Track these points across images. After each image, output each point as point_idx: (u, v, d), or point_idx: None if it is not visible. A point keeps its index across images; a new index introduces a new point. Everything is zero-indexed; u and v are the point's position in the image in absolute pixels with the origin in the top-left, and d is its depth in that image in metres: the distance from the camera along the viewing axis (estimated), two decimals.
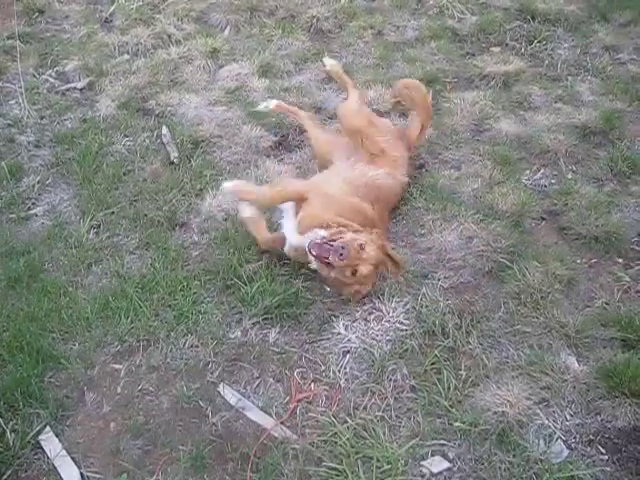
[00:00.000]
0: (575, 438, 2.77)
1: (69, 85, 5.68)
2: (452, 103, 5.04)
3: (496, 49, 5.85)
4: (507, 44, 5.91)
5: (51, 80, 5.73)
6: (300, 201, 3.54)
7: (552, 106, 4.98)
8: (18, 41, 6.08)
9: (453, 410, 2.86)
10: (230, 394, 3.03)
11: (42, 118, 5.24)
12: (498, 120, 4.81)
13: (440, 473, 2.67)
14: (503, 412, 2.81)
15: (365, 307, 3.37)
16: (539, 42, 5.81)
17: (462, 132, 4.71)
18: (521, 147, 4.54)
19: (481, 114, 4.87)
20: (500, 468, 2.64)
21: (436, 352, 3.09)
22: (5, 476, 2.78)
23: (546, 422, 2.80)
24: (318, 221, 3.37)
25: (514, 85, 5.27)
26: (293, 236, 3.49)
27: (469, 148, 4.51)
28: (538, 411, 2.83)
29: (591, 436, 2.77)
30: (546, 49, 5.75)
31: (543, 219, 3.93)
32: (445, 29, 6.13)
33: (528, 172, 4.30)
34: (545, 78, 5.37)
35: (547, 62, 5.56)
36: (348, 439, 2.75)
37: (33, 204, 4.37)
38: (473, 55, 5.78)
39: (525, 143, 4.57)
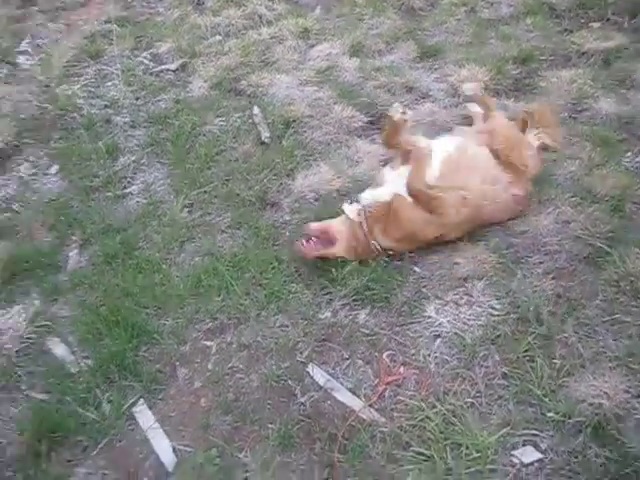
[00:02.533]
0: None
1: (163, 67, 5.81)
2: (548, 82, 4.87)
3: (596, 24, 5.60)
4: (608, 19, 5.64)
5: (146, 62, 5.89)
6: None
7: None
8: (114, 24, 6.25)
9: (546, 400, 2.76)
10: (319, 374, 3.03)
11: (137, 99, 5.39)
12: (597, 99, 4.60)
13: (531, 464, 2.59)
14: (599, 404, 2.69)
15: (456, 291, 3.31)
16: None
17: (559, 112, 4.53)
18: (622, 128, 4.32)
19: (579, 93, 4.68)
20: (595, 463, 2.54)
21: (529, 339, 3.00)
22: (101, 444, 2.88)
23: None
24: None
25: (615, 62, 5.03)
26: None
27: (567, 129, 4.34)
28: (637, 405, 2.70)
29: None
30: None
31: None
32: (541, 4, 5.92)
33: (630, 154, 4.09)
34: None
35: None
36: (437, 424, 2.71)
37: (129, 183, 4.51)
38: (571, 31, 5.55)
39: (627, 123, 4.36)
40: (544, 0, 5.97)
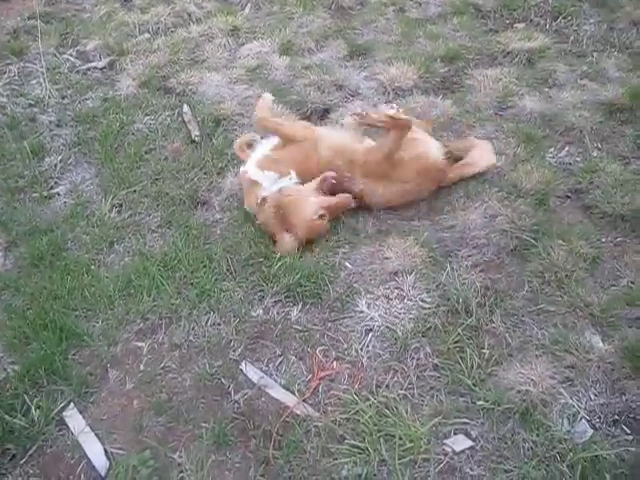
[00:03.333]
0: (599, 418, 2.72)
1: (90, 64, 5.71)
2: (475, 80, 4.97)
3: (520, 25, 5.76)
4: (531, 20, 5.80)
5: (72, 59, 5.76)
6: None
7: (577, 83, 4.87)
8: (39, 21, 6.09)
9: (476, 389, 2.83)
10: (252, 372, 3.02)
11: (63, 97, 5.27)
12: (522, 97, 4.73)
13: (463, 451, 2.64)
14: (527, 391, 2.77)
15: (387, 285, 3.35)
16: (564, 18, 5.69)
17: (485, 109, 4.64)
18: (546, 124, 4.45)
19: (505, 91, 4.79)
20: (523, 447, 2.62)
21: (459, 330, 3.06)
22: (31, 451, 2.81)
23: (570, 401, 2.75)
24: None
25: (538, 62, 5.18)
26: None
27: (493, 125, 4.45)
28: (562, 390, 2.79)
29: (616, 416, 2.72)
30: (571, 25, 5.63)
31: (568, 197, 3.86)
32: (468, 5, 6.05)
33: (553, 150, 4.22)
34: (570, 54, 5.26)
35: (572, 38, 5.43)
36: (370, 417, 2.73)
37: (55, 183, 4.40)
38: (496, 32, 5.69)
39: (550, 120, 4.49)
40: (470, 1, 6.10)
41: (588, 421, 2.70)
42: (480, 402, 2.78)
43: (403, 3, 6.11)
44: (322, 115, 4.72)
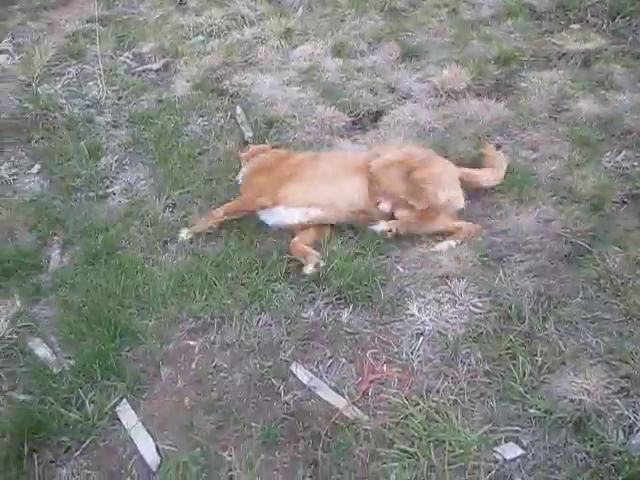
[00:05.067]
0: None
1: (145, 66, 5.81)
2: (529, 82, 4.92)
3: (576, 26, 5.68)
4: (587, 21, 5.73)
5: (128, 62, 5.88)
6: None
7: (635, 85, 4.79)
8: (97, 24, 6.22)
9: (528, 396, 2.78)
10: (302, 373, 3.03)
11: (119, 99, 5.38)
12: (577, 100, 4.66)
13: (513, 460, 2.60)
14: (580, 400, 2.72)
15: (439, 289, 3.33)
16: (622, 18, 5.60)
17: (539, 112, 4.59)
18: (602, 128, 4.38)
19: (559, 94, 4.74)
20: (576, 458, 2.56)
21: (511, 337, 3.02)
22: (85, 444, 2.85)
23: (626, 413, 2.68)
24: None
25: (594, 64, 5.11)
26: None
27: (547, 129, 4.40)
28: (617, 401, 2.72)
29: None
30: (630, 25, 5.53)
31: (624, 203, 3.78)
32: (522, 6, 6.01)
33: (609, 154, 4.14)
34: (628, 56, 5.17)
35: (631, 39, 5.34)
36: (420, 422, 2.72)
37: (111, 183, 4.49)
38: (551, 33, 5.64)
39: (606, 124, 4.41)
40: (525, 2, 6.05)
41: None
42: (532, 410, 2.74)
43: (456, 5, 6.08)
44: (374, 118, 4.72)
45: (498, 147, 4.26)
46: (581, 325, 3.08)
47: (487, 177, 3.90)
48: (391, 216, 3.68)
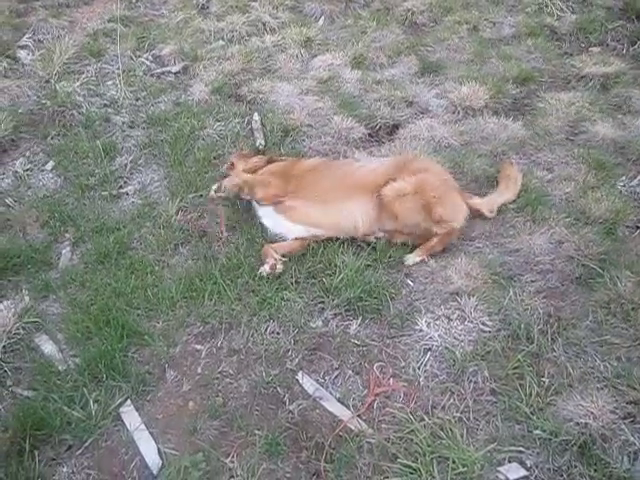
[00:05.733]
0: None
1: (164, 69, 5.83)
2: (547, 103, 4.92)
3: (596, 49, 5.68)
4: (608, 44, 5.74)
5: (147, 63, 5.90)
6: None
7: None
8: (119, 24, 6.25)
9: (534, 417, 2.77)
10: (308, 383, 3.03)
11: (137, 100, 5.40)
12: (595, 123, 4.66)
13: None
14: (586, 424, 2.70)
15: (448, 305, 3.32)
16: None
17: (556, 134, 4.59)
18: (618, 152, 4.38)
19: (577, 116, 4.73)
20: None
21: (519, 356, 3.01)
22: (86, 444, 2.86)
23: (631, 439, 2.67)
24: None
25: (613, 87, 5.10)
26: None
27: (563, 150, 4.39)
28: (623, 426, 2.71)
29: None
30: None
31: (637, 227, 3.77)
32: (543, 27, 6.02)
33: (624, 178, 4.14)
34: None
35: None
36: (424, 438, 2.71)
37: (125, 183, 4.50)
38: (571, 55, 5.65)
39: (622, 148, 4.41)
40: (545, 23, 6.05)
41: None
42: (537, 431, 2.72)
43: (477, 22, 6.10)
44: (391, 131, 4.73)
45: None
46: (590, 348, 3.07)
47: (489, 207, 3.88)
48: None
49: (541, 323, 3.17)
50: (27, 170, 4.68)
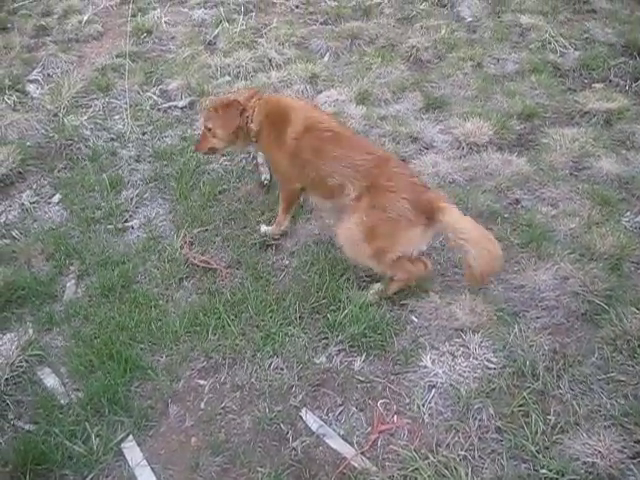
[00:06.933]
0: None
1: (171, 103, 5.88)
2: (551, 139, 4.94)
3: (599, 85, 5.73)
4: (611, 80, 5.78)
5: (154, 98, 5.94)
6: None
7: None
8: (127, 59, 6.32)
9: (540, 456, 2.74)
10: (312, 419, 3.01)
11: (144, 134, 5.43)
12: (598, 159, 4.67)
13: None
14: (593, 463, 2.67)
15: (453, 342, 3.31)
16: None
17: (560, 169, 4.60)
18: (622, 187, 4.40)
19: (581, 151, 4.75)
20: None
21: (525, 394, 2.99)
22: (87, 479, 2.83)
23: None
24: None
25: (617, 123, 5.13)
26: None
27: (567, 186, 4.41)
28: (632, 466, 2.68)
29: None
30: None
31: None
32: (546, 63, 6.07)
33: (629, 214, 4.15)
34: None
35: None
36: (429, 476, 2.68)
37: (130, 216, 4.51)
38: (574, 91, 5.69)
39: (626, 184, 4.43)
40: (549, 59, 6.11)
41: None
42: (543, 470, 2.69)
43: (481, 59, 6.15)
44: None
45: (517, 202, 4.27)
46: (596, 386, 3.05)
47: None
48: None
49: (547, 360, 3.16)
50: (34, 203, 4.70)
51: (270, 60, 6.31)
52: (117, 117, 5.68)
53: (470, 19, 7.01)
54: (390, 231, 3.39)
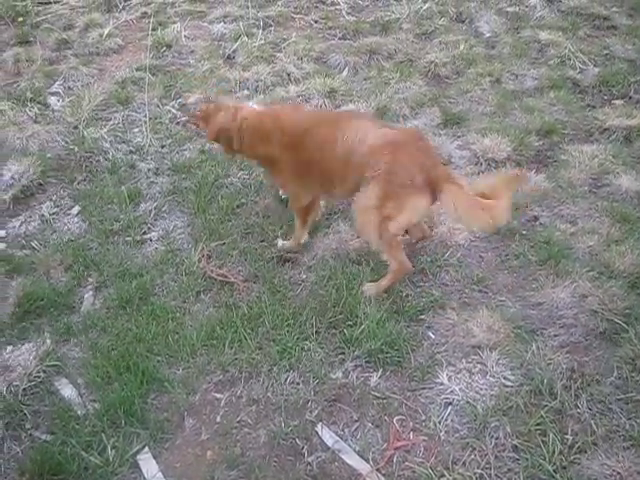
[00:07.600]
0: None
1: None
2: (570, 156, 4.92)
3: (618, 102, 5.69)
4: (630, 97, 5.75)
5: (174, 111, 5.98)
6: None
7: None
8: (147, 73, 6.37)
9: (557, 476, 2.72)
10: (327, 435, 3.00)
11: (163, 147, 5.46)
12: (618, 176, 4.64)
13: None
14: None
15: (470, 359, 3.30)
16: None
17: (579, 186, 4.58)
18: None
19: (600, 168, 4.72)
20: None
21: (542, 412, 2.97)
22: None
23: None
24: None
25: (636, 140, 5.10)
26: None
27: (586, 203, 4.38)
28: None
29: None
30: None
31: None
32: (566, 79, 6.04)
33: None
34: None
35: None
36: None
37: (149, 229, 4.53)
38: (594, 107, 5.65)
39: None
40: (568, 75, 6.09)
41: None
42: None
43: (500, 74, 6.14)
44: None
45: (536, 219, 4.25)
46: (615, 405, 3.02)
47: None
48: None
49: (564, 378, 3.13)
50: (53, 214, 4.74)
51: (289, 74, 6.34)
52: (136, 130, 5.72)
53: (489, 35, 7.00)
54: (398, 197, 3.47)
